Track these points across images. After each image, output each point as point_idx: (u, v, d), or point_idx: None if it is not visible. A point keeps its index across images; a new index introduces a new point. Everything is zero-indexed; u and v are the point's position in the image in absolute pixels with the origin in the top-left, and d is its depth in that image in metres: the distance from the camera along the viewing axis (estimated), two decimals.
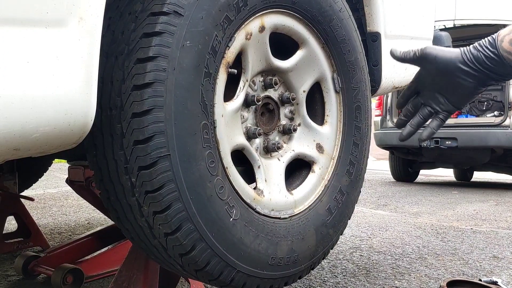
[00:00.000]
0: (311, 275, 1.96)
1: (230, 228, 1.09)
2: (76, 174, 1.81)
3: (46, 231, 2.67)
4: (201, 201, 1.03)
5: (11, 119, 0.76)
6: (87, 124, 0.88)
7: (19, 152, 0.83)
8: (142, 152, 0.97)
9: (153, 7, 1.00)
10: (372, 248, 2.54)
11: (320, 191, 1.40)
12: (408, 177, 6.98)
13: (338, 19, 1.39)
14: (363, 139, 1.52)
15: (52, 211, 3.34)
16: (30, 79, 0.78)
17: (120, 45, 1.01)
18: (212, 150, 1.07)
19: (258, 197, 1.22)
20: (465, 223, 3.49)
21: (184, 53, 1.00)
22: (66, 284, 1.55)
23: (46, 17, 0.79)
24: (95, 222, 2.96)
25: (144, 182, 0.98)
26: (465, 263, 2.28)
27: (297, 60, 1.35)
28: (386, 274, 2.03)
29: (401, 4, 1.84)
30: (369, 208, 4.13)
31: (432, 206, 4.34)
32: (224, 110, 1.14)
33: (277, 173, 1.32)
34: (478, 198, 5.11)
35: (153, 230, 1.03)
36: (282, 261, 1.23)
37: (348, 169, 1.46)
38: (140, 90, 0.96)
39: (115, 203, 1.07)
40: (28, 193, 2.78)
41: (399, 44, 1.82)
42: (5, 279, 1.82)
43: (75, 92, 0.84)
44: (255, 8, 1.16)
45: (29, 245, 2.20)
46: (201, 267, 1.07)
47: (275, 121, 1.36)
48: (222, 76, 1.12)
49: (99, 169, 1.06)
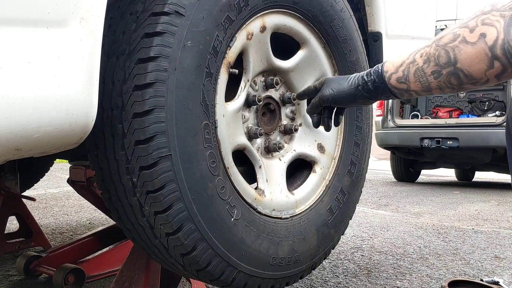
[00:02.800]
0: (312, 275, 1.96)
1: (231, 228, 1.09)
2: (77, 174, 1.81)
3: (48, 231, 2.67)
4: (202, 201, 1.03)
5: (12, 119, 0.76)
6: (88, 124, 0.88)
7: (20, 152, 0.83)
8: (144, 152, 0.97)
9: (154, 7, 1.00)
10: (374, 248, 2.54)
11: (322, 191, 1.40)
12: (410, 177, 6.97)
13: (339, 19, 1.39)
14: (364, 139, 1.52)
15: (54, 211, 3.35)
16: (31, 79, 0.78)
17: (121, 45, 1.01)
18: (213, 150, 1.07)
19: (259, 197, 1.22)
20: (466, 223, 3.48)
21: (185, 53, 1.00)
22: (68, 284, 1.55)
23: (48, 17, 0.79)
24: (96, 222, 2.96)
25: (145, 182, 0.98)
26: (466, 263, 2.27)
27: (298, 60, 1.35)
28: (387, 274, 2.03)
29: (402, 4, 1.83)
30: (371, 208, 4.13)
31: (434, 206, 4.34)
32: (225, 110, 1.14)
33: (278, 173, 1.32)
34: (480, 198, 5.10)
35: (154, 230, 1.03)
36: (283, 261, 1.23)
37: (349, 169, 1.46)
38: (141, 90, 0.97)
39: (116, 203, 1.07)
40: (29, 193, 2.78)
41: (400, 44, 1.82)
42: (6, 279, 1.82)
43: (77, 92, 0.84)
44: (256, 8, 1.16)
45: (30, 245, 2.20)
46: (203, 267, 1.07)
47: (276, 121, 1.36)
48: (223, 76, 1.12)
49: (101, 169, 1.06)
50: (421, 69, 0.95)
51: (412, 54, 0.97)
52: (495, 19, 0.85)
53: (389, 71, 1.00)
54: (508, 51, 0.83)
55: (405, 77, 0.97)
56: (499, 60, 0.85)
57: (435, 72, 0.93)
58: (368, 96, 1.05)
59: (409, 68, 0.97)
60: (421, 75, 0.95)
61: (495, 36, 0.84)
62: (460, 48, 0.88)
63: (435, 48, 0.92)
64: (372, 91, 1.03)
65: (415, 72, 0.96)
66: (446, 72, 0.91)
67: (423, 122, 6.28)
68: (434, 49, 0.92)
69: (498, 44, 0.84)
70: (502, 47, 0.83)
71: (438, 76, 0.93)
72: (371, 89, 1.03)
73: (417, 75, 0.96)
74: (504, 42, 0.83)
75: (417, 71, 0.95)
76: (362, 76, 1.05)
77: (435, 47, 0.92)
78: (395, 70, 0.99)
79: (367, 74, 1.04)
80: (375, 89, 1.03)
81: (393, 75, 0.99)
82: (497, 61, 0.85)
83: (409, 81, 0.97)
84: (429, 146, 5.81)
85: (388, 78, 1.00)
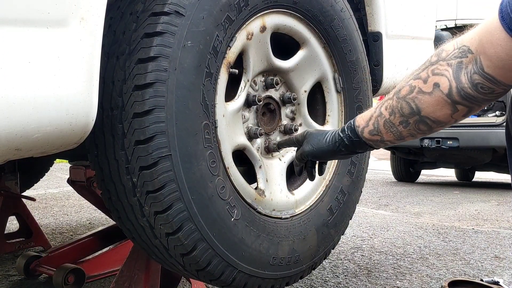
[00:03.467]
0: (313, 275, 1.96)
1: (231, 228, 1.09)
2: (77, 174, 1.81)
3: (48, 231, 2.67)
4: (202, 201, 1.03)
5: (12, 119, 0.76)
6: (88, 124, 0.88)
7: (20, 152, 0.83)
8: (143, 152, 0.97)
9: (154, 7, 1.00)
10: (374, 248, 2.54)
11: (322, 191, 1.40)
12: (410, 177, 6.96)
13: (339, 19, 1.39)
14: None
15: (54, 211, 3.35)
16: (31, 79, 0.78)
17: (121, 45, 1.01)
18: (213, 150, 1.07)
19: (259, 197, 1.22)
20: (466, 223, 3.48)
21: (185, 53, 1.00)
22: (68, 284, 1.55)
23: (48, 17, 0.79)
24: (96, 222, 2.96)
25: (145, 182, 0.98)
26: (466, 263, 2.27)
27: (298, 60, 1.35)
28: (387, 274, 2.03)
29: (402, 4, 1.83)
30: (371, 208, 4.13)
31: (434, 206, 4.34)
32: (225, 110, 1.14)
33: (278, 173, 1.32)
34: (480, 198, 5.10)
35: (154, 230, 1.03)
36: (283, 261, 1.23)
37: (349, 169, 1.46)
38: (141, 90, 0.97)
39: (116, 203, 1.07)
40: (29, 193, 2.78)
41: (401, 43, 1.82)
42: (6, 279, 1.82)
43: (77, 92, 0.84)
44: (256, 8, 1.16)
45: (30, 245, 2.20)
46: (203, 267, 1.07)
47: (276, 121, 1.36)
48: (223, 76, 1.12)
49: (101, 169, 1.06)
50: (389, 121, 0.97)
51: (378, 107, 0.99)
52: (444, 69, 0.87)
53: (361, 126, 1.03)
54: (466, 96, 0.86)
55: (376, 130, 1.00)
56: (461, 104, 0.87)
57: (403, 122, 0.95)
58: (346, 152, 1.08)
59: (377, 121, 0.99)
60: (390, 126, 0.97)
61: (447, 84, 0.87)
62: (419, 98, 0.90)
63: (396, 100, 0.94)
64: (349, 146, 1.05)
65: (384, 124, 0.98)
66: (413, 121, 0.94)
67: None
68: (396, 102, 0.94)
69: (454, 92, 0.86)
70: (459, 94, 0.86)
71: (406, 125, 0.95)
72: (348, 144, 1.05)
73: (386, 126, 0.98)
74: (459, 90, 0.86)
75: (386, 123, 0.98)
76: (338, 133, 1.07)
77: (396, 100, 0.94)
78: (365, 124, 1.02)
79: (342, 130, 1.07)
80: (351, 144, 1.05)
81: (365, 129, 1.02)
82: (459, 105, 0.88)
83: (381, 133, 1.00)
84: (429, 146, 5.80)
85: (361, 132, 1.03)
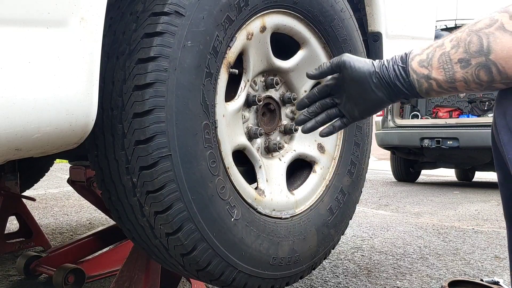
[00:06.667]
0: (313, 275, 1.96)
1: (232, 228, 1.09)
2: (77, 174, 1.81)
3: (48, 231, 2.67)
4: (202, 201, 1.03)
5: (12, 119, 0.76)
6: (88, 124, 0.88)
7: (20, 152, 0.83)
8: (144, 152, 0.97)
9: (154, 7, 1.00)
10: (374, 248, 2.54)
11: (322, 191, 1.40)
12: (410, 177, 6.98)
13: (339, 19, 1.39)
14: (364, 139, 1.52)
15: (54, 211, 3.35)
16: (31, 79, 0.78)
17: (121, 45, 1.01)
18: (214, 150, 1.07)
19: (260, 197, 1.22)
20: (466, 223, 3.48)
21: (185, 53, 1.00)
22: (68, 284, 1.55)
23: (47, 17, 0.79)
24: (96, 222, 2.96)
25: (146, 182, 0.98)
26: (466, 263, 2.27)
27: (298, 60, 1.35)
28: (387, 274, 2.03)
29: (402, 4, 1.83)
30: (371, 208, 4.13)
31: (434, 206, 4.34)
32: (225, 110, 1.14)
33: (279, 173, 1.32)
34: (480, 198, 5.10)
35: (154, 230, 1.03)
36: (283, 261, 1.23)
37: (349, 169, 1.46)
38: (141, 90, 0.97)
39: (116, 203, 1.07)
40: (29, 193, 2.78)
41: (400, 44, 1.82)
42: (6, 279, 1.82)
43: (77, 92, 0.84)
44: (256, 8, 1.16)
45: (30, 245, 2.20)
46: (203, 267, 1.07)
47: (276, 121, 1.36)
48: (223, 76, 1.12)
49: (101, 169, 1.06)
50: (447, 54, 0.81)
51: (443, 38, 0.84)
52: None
53: (414, 53, 0.88)
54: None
55: (429, 60, 0.84)
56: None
57: (463, 60, 0.79)
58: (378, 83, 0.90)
59: (435, 51, 0.84)
60: (446, 60, 0.82)
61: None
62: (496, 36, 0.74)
63: (467, 33, 0.78)
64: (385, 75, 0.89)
65: (440, 56, 0.83)
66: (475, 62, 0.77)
67: (423, 122, 6.29)
68: (467, 34, 0.78)
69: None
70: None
71: (465, 65, 0.79)
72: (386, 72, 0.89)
73: (441, 60, 0.82)
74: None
75: (443, 56, 0.82)
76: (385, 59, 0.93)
77: (467, 32, 0.79)
78: (420, 52, 0.87)
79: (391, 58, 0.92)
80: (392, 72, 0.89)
81: (416, 57, 0.87)
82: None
83: (432, 66, 0.84)
84: (429, 146, 5.81)
85: (410, 59, 0.87)
